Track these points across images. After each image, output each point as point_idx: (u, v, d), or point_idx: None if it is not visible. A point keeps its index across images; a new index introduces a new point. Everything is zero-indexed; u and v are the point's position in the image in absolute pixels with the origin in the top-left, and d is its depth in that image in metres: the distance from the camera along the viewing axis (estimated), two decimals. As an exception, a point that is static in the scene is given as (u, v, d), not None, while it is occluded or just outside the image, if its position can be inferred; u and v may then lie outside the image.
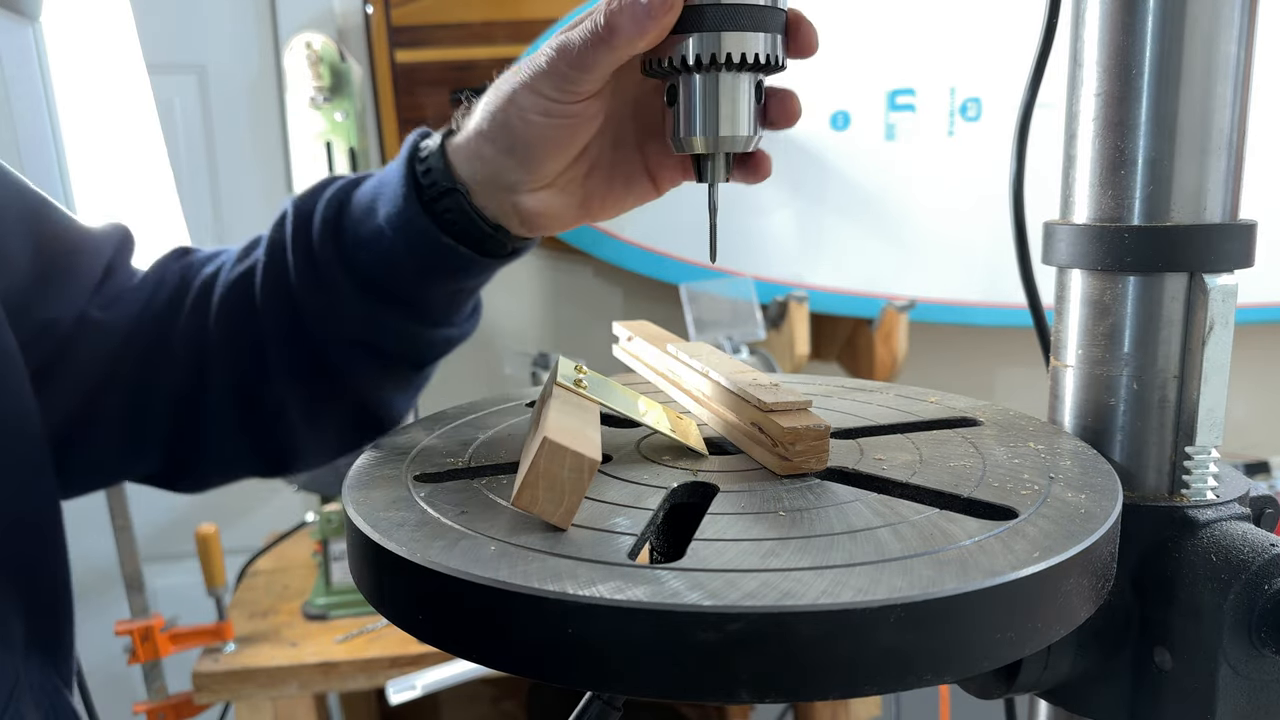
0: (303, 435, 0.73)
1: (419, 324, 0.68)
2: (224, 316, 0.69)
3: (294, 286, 0.67)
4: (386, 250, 0.63)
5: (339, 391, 0.71)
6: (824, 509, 0.45)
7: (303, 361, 0.69)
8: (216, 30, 2.15)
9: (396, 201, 0.62)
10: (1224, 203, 0.50)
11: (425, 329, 0.68)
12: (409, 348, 0.69)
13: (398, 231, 0.63)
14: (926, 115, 2.02)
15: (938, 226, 2.08)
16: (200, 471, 0.75)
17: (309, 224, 0.66)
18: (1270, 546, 0.46)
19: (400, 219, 0.62)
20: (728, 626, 0.34)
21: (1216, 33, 0.48)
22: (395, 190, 0.62)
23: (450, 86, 2.14)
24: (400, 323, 0.67)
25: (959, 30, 1.99)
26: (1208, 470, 0.51)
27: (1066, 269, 0.55)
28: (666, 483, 0.49)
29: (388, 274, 0.65)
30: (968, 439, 0.56)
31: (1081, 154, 0.53)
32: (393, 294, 0.65)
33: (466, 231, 0.62)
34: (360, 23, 2.13)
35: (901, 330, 1.96)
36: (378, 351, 0.68)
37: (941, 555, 0.39)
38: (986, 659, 0.37)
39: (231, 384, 0.70)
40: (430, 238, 0.62)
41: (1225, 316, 0.50)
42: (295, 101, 1.67)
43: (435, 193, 0.62)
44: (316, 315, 0.67)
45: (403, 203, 0.62)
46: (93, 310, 0.70)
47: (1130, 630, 0.50)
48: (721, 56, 0.52)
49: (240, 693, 1.51)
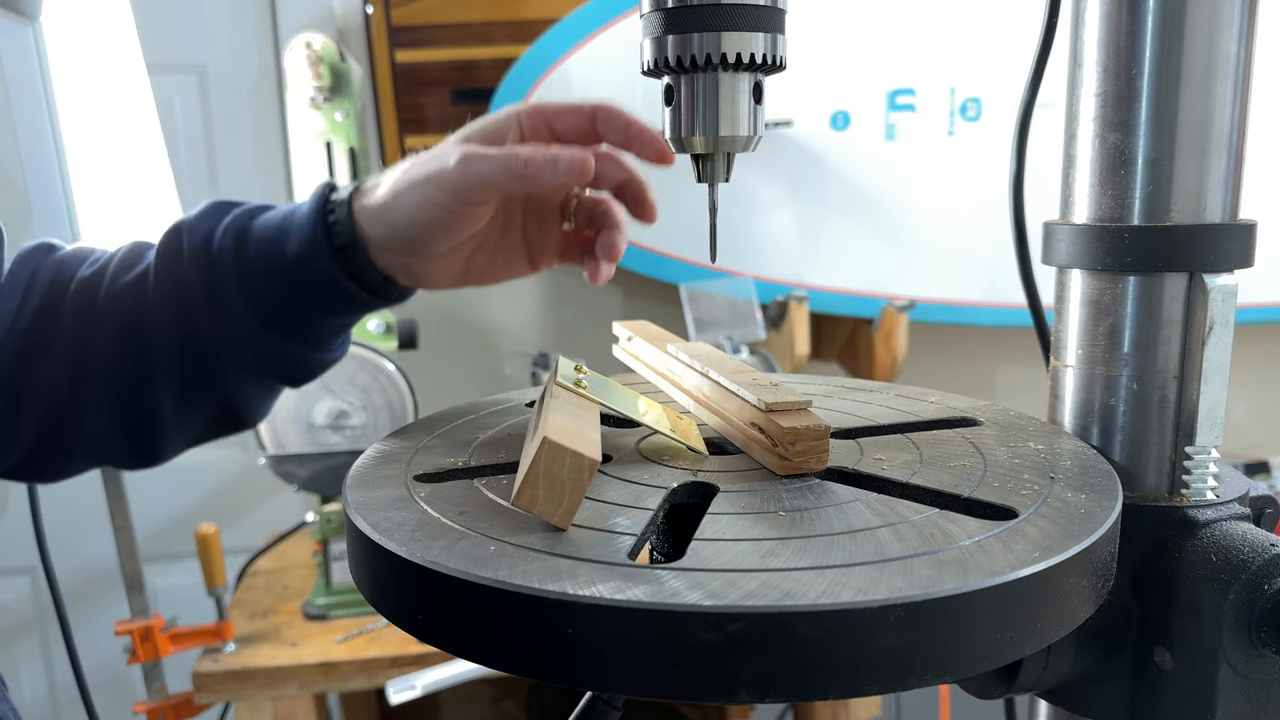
0: (170, 432, 0.78)
1: (305, 350, 0.74)
2: (109, 324, 0.73)
3: (187, 306, 0.71)
4: (288, 285, 0.69)
5: (214, 400, 0.76)
6: (824, 509, 0.45)
7: (187, 374, 0.73)
8: (216, 30, 2.15)
9: (304, 243, 0.68)
10: (1224, 203, 0.50)
11: (308, 353, 0.74)
12: (291, 369, 0.75)
13: (305, 272, 0.68)
14: (926, 115, 2.02)
15: (938, 226, 2.07)
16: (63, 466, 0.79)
17: (207, 249, 0.70)
18: (1270, 546, 0.46)
19: (309, 261, 0.68)
20: (728, 626, 0.34)
21: (1216, 33, 0.48)
22: (305, 233, 0.68)
23: (450, 86, 2.14)
24: (289, 349, 0.73)
25: (959, 30, 1.99)
26: (1208, 470, 0.51)
27: (1066, 269, 0.55)
28: (666, 483, 0.49)
29: (284, 304, 0.70)
30: (968, 439, 0.56)
31: (1081, 154, 0.53)
32: (287, 324, 0.71)
33: (360, 279, 0.69)
34: (360, 23, 2.13)
35: (901, 330, 1.96)
36: (259, 366, 0.74)
37: (941, 555, 0.39)
38: (986, 659, 0.37)
39: (111, 388, 0.74)
40: (334, 282, 0.68)
41: (1225, 316, 0.50)
42: (295, 101, 1.67)
43: (340, 243, 0.68)
44: (208, 335, 0.71)
45: (311, 245, 0.68)
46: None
47: (1130, 630, 0.50)
48: (716, 57, 0.52)
49: (240, 693, 1.51)
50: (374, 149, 2.14)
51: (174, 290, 0.71)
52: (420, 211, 0.64)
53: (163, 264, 0.71)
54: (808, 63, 1.97)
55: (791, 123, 1.99)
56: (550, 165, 0.60)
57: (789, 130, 1.99)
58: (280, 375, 0.76)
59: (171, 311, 0.71)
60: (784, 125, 1.98)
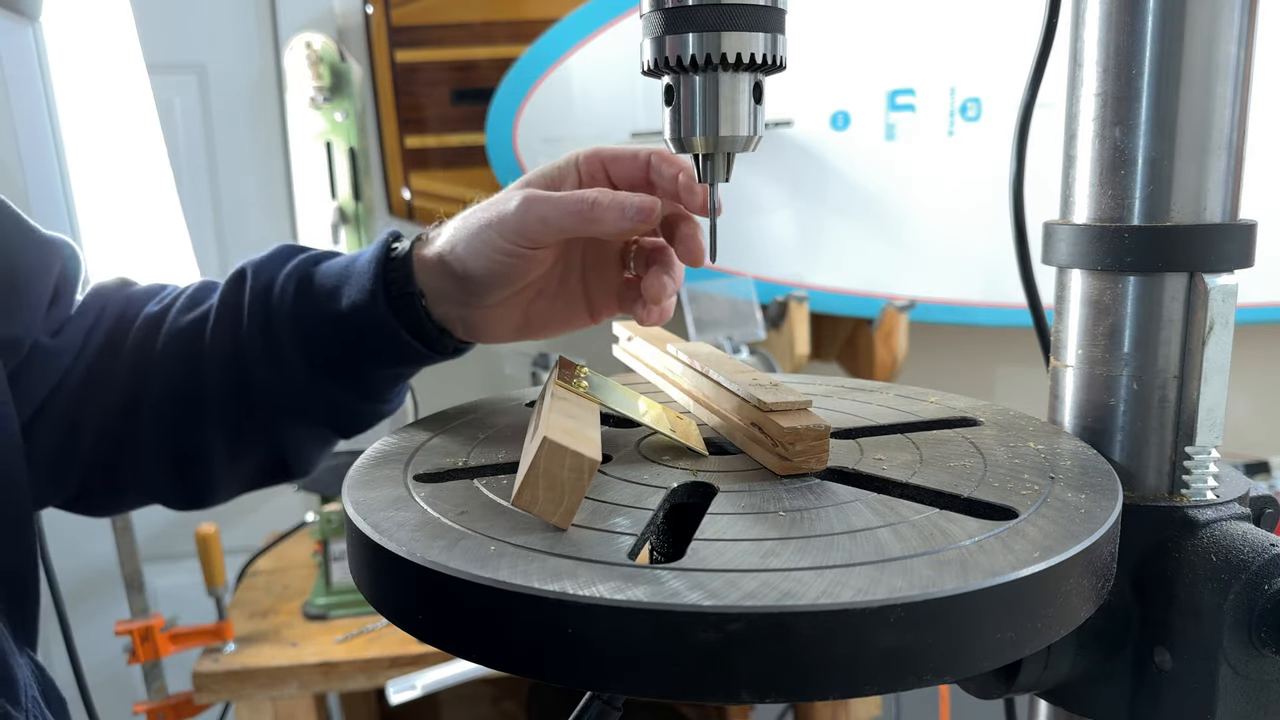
0: (221, 477, 0.77)
1: (358, 400, 0.73)
2: (167, 361, 0.72)
3: (244, 350, 0.71)
4: (344, 334, 0.69)
5: (265, 446, 0.76)
6: (824, 509, 0.45)
7: (238, 417, 0.73)
8: (216, 30, 2.15)
9: (364, 294, 0.67)
10: (1224, 203, 0.50)
11: (362, 405, 0.74)
12: (343, 419, 0.75)
13: (360, 320, 0.68)
14: (926, 115, 2.02)
15: (938, 226, 2.07)
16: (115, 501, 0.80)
17: (268, 294, 0.70)
18: (1270, 546, 0.46)
19: (365, 312, 0.67)
20: (728, 626, 0.34)
21: (1216, 33, 0.48)
22: (363, 282, 0.68)
23: (450, 86, 2.14)
24: (341, 397, 0.72)
25: (959, 30, 1.98)
26: (1208, 470, 0.51)
27: (1066, 269, 0.55)
28: (666, 483, 0.49)
29: (340, 355, 0.70)
30: (968, 439, 0.56)
31: (1081, 154, 0.53)
32: (340, 373, 0.71)
33: (417, 331, 0.68)
34: (360, 23, 2.13)
35: (901, 330, 1.96)
36: (311, 417, 0.74)
37: (941, 555, 0.39)
38: (986, 659, 0.37)
39: (164, 425, 0.74)
40: (391, 332, 0.67)
41: (1225, 316, 0.50)
42: (295, 101, 1.67)
43: (397, 292, 0.67)
44: (262, 380, 0.71)
45: (369, 298, 0.67)
46: (43, 337, 0.72)
47: (1130, 630, 0.50)
48: (716, 57, 0.52)
49: (240, 693, 1.51)
50: (374, 149, 2.14)
51: (232, 332, 0.71)
52: (481, 257, 0.63)
53: (224, 305, 0.72)
54: (808, 63, 1.97)
55: (791, 123, 1.99)
56: (616, 209, 0.58)
57: (789, 130, 1.99)
58: (332, 425, 0.75)
59: (228, 353, 0.71)
60: (784, 125, 1.98)
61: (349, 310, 0.67)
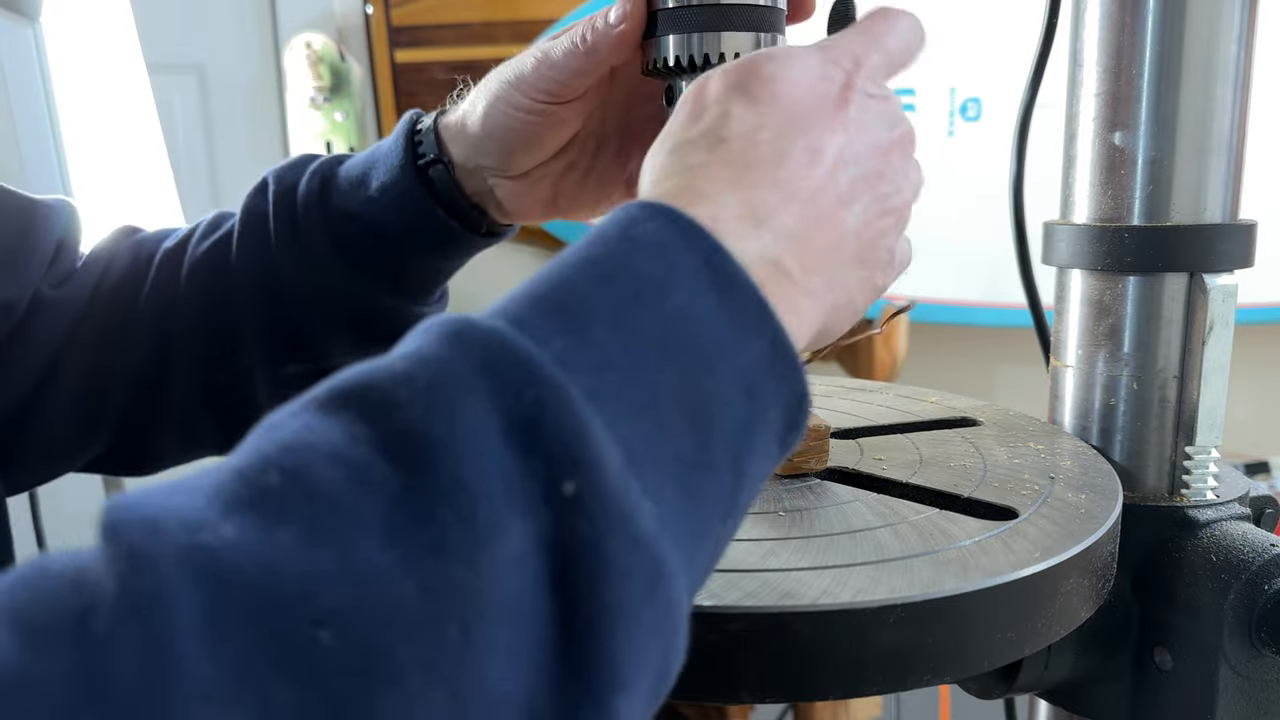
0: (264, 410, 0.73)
1: (396, 298, 0.69)
2: (195, 288, 0.69)
3: (274, 256, 0.67)
4: (376, 220, 0.65)
5: (306, 364, 0.71)
6: (824, 509, 0.45)
7: (276, 332, 0.69)
8: (216, 30, 2.15)
9: (393, 172, 0.64)
10: (1224, 203, 0.50)
11: (401, 304, 0.69)
12: (383, 321, 0.70)
13: (391, 201, 0.64)
14: (926, 115, 2.02)
15: (938, 226, 2.07)
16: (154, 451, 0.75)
17: (293, 194, 0.67)
18: (1270, 546, 0.46)
19: (396, 189, 0.64)
20: (728, 626, 0.34)
21: (1216, 33, 0.48)
22: (392, 161, 0.64)
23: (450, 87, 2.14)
24: (378, 295, 0.68)
25: (959, 30, 1.98)
26: (1208, 470, 0.51)
27: (1066, 269, 0.55)
28: (666, 483, 0.49)
29: (374, 245, 0.66)
30: (968, 439, 0.56)
31: (1081, 154, 0.53)
32: (375, 266, 0.67)
33: (450, 206, 0.65)
34: (360, 23, 2.13)
35: (901, 330, 1.96)
36: (352, 324, 0.69)
37: (941, 555, 0.39)
38: (986, 659, 0.37)
39: (199, 358, 0.70)
40: (424, 207, 0.64)
41: (1225, 316, 0.50)
42: (295, 101, 1.67)
43: (424, 163, 0.64)
44: (296, 285, 0.67)
45: (399, 173, 0.64)
46: (44, 289, 0.69)
47: (1130, 630, 0.50)
48: (715, 57, 0.52)
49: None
50: (374, 149, 2.14)
51: (259, 241, 0.67)
52: (503, 116, 0.61)
53: (248, 215, 0.68)
54: (808, 63, 1.97)
55: (791, 123, 1.98)
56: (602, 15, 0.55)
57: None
58: (373, 332, 0.70)
59: (259, 265, 0.67)
60: (784, 125, 1.98)
61: (379, 192, 0.65)
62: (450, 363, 0.28)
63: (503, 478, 0.26)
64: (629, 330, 0.31)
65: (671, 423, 0.31)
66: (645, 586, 0.27)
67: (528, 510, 0.26)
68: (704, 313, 0.32)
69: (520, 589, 0.25)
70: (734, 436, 0.32)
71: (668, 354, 0.31)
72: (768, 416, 0.33)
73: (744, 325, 0.33)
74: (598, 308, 0.31)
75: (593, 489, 0.27)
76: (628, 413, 0.30)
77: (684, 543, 0.30)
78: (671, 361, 0.31)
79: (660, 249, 0.33)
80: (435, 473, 0.25)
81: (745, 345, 0.33)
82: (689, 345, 0.32)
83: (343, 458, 0.25)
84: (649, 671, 0.28)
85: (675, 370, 0.31)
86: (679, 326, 0.32)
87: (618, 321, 0.31)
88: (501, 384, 0.28)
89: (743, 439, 0.32)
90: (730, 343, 0.33)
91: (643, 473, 0.29)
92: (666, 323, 0.31)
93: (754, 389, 0.33)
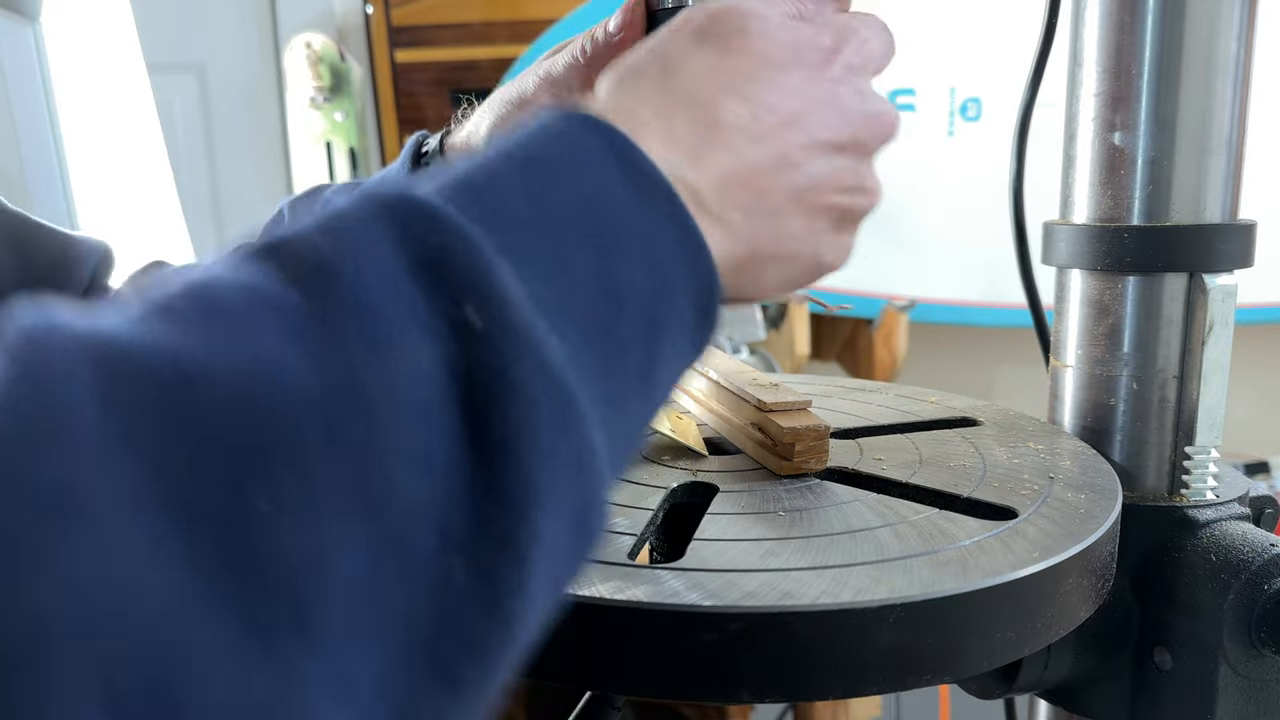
0: None
1: None
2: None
3: None
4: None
5: None
6: (824, 509, 0.45)
7: None
8: (216, 30, 2.15)
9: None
10: (1224, 203, 0.50)
11: None
12: None
13: None
14: (926, 115, 2.01)
15: (938, 226, 2.07)
16: None
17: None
18: (1270, 546, 0.46)
19: None
20: (728, 626, 0.34)
21: (1216, 32, 0.48)
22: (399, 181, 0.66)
23: (450, 86, 2.14)
24: None
25: (959, 30, 1.98)
26: (1208, 470, 0.51)
27: (1066, 269, 0.55)
28: (666, 483, 0.49)
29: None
30: (968, 439, 0.56)
31: (1081, 154, 0.53)
32: None
33: None
34: (360, 23, 2.13)
35: (901, 330, 1.96)
36: None
37: (941, 555, 0.39)
38: (986, 659, 0.37)
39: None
40: None
41: (1225, 316, 0.50)
42: (295, 101, 1.67)
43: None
44: None
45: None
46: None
47: (1130, 630, 0.50)
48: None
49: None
50: (374, 149, 2.14)
51: None
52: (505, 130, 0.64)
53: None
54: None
55: (791, 123, 1.99)
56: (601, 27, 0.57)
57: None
58: None
59: None
60: (784, 125, 1.98)
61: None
62: (363, 214, 0.28)
63: (408, 303, 0.26)
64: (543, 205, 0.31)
65: (584, 289, 0.31)
66: (556, 416, 0.27)
67: (433, 335, 0.26)
68: (617, 198, 0.33)
69: (427, 401, 0.25)
70: (646, 315, 0.32)
71: (582, 231, 0.31)
72: (678, 304, 0.34)
73: (656, 213, 0.33)
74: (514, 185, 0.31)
75: (498, 322, 0.27)
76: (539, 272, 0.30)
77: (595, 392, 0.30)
78: (585, 240, 0.31)
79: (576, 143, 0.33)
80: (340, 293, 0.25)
81: (657, 232, 0.33)
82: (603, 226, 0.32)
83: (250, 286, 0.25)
84: (567, 505, 0.27)
85: (588, 248, 0.31)
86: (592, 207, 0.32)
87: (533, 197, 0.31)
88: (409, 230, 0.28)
89: (655, 319, 0.33)
90: (643, 228, 0.33)
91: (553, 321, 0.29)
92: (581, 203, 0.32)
93: (665, 274, 0.33)
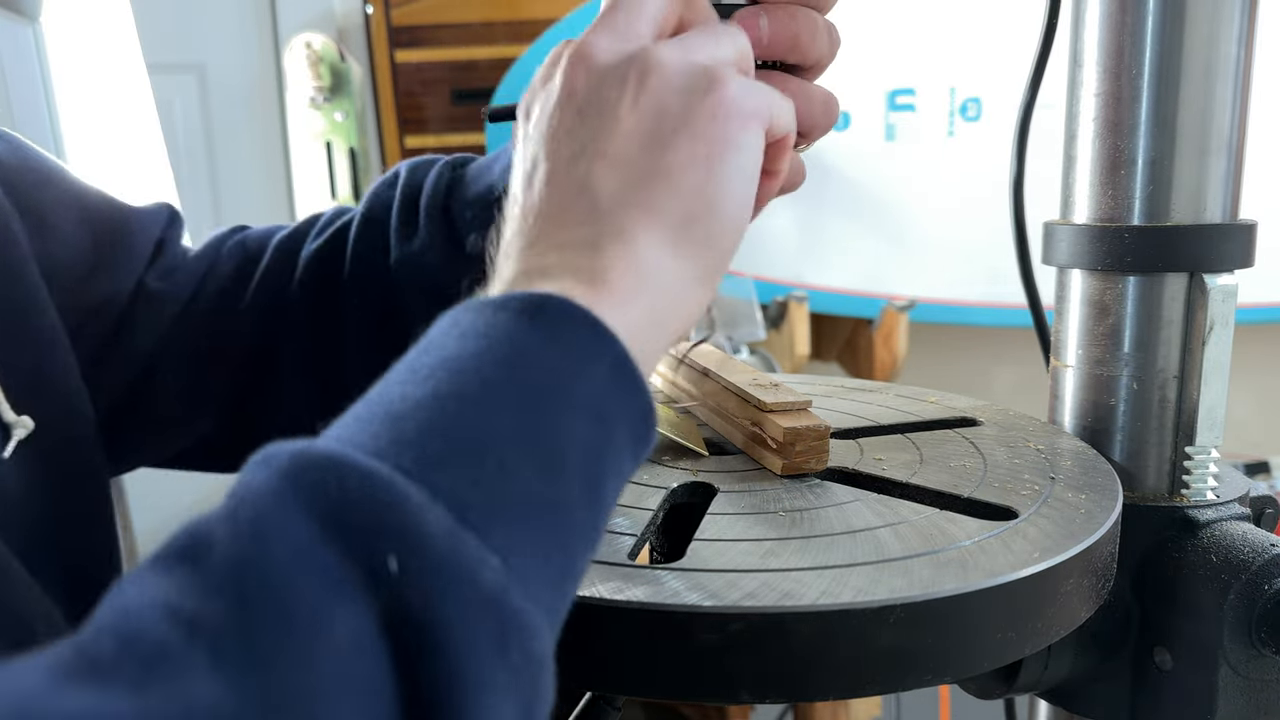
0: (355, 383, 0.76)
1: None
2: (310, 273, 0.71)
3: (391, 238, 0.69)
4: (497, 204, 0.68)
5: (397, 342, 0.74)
6: (824, 509, 0.45)
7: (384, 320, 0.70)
8: (216, 30, 2.15)
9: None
10: (1224, 203, 0.50)
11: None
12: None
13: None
14: (926, 115, 2.02)
15: (938, 226, 2.07)
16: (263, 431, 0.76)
17: (421, 182, 0.69)
18: (1270, 546, 0.46)
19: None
20: (728, 626, 0.34)
21: (1216, 33, 0.48)
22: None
23: (450, 86, 2.14)
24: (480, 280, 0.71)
25: (959, 30, 1.98)
26: (1208, 470, 0.51)
27: (1066, 269, 0.55)
28: (666, 483, 0.49)
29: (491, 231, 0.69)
30: (968, 439, 0.56)
31: (1081, 154, 0.53)
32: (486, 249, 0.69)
33: None
34: (360, 23, 2.13)
35: (901, 330, 1.96)
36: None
37: (941, 555, 0.39)
38: (986, 659, 0.37)
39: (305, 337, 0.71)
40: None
41: (1225, 316, 0.50)
42: (295, 101, 1.67)
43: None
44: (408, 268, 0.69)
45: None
46: (150, 281, 0.71)
47: (1130, 630, 0.50)
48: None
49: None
50: (374, 149, 2.14)
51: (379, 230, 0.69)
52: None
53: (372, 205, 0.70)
54: (808, 63, 1.97)
55: (791, 123, 1.99)
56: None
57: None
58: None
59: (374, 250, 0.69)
60: (784, 125, 1.98)
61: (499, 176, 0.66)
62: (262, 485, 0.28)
63: (320, 573, 0.25)
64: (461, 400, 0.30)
65: (514, 465, 0.30)
66: (494, 645, 0.27)
67: (355, 596, 0.25)
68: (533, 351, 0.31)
69: (365, 675, 0.25)
70: (586, 466, 0.31)
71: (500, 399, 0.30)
72: (615, 439, 0.32)
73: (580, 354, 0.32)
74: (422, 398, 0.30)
75: (417, 558, 0.26)
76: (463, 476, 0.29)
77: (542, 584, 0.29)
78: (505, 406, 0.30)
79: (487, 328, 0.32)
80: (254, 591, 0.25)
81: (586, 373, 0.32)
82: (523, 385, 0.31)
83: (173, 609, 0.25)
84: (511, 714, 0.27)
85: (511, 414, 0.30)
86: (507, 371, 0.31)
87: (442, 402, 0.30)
88: (307, 485, 0.27)
89: (595, 466, 0.31)
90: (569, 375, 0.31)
91: (485, 525, 0.28)
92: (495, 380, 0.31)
93: (602, 414, 0.32)
